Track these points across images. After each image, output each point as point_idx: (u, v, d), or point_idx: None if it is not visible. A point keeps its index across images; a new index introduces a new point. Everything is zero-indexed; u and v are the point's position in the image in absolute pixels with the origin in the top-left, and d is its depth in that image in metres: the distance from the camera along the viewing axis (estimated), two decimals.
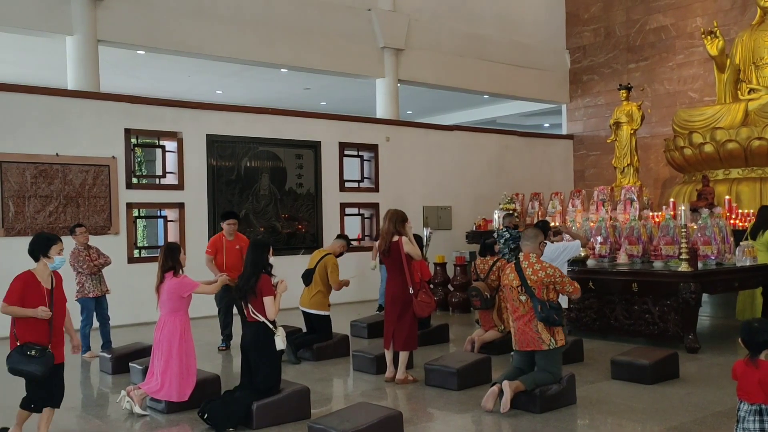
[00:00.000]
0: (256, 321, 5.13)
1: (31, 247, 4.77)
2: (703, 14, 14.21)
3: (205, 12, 11.64)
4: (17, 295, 4.60)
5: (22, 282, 4.66)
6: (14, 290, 4.62)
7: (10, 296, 4.60)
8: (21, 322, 4.61)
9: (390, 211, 6.48)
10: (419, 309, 6.28)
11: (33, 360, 4.49)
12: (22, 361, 4.50)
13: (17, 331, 4.61)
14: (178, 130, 11.11)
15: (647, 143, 14.70)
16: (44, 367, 4.52)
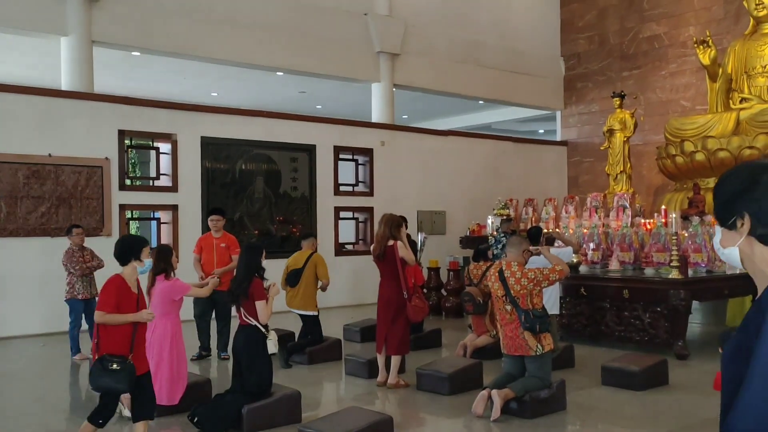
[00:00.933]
0: (249, 324, 5.13)
1: (120, 250, 4.41)
2: (696, 23, 14.31)
3: (201, 14, 11.65)
4: (114, 302, 4.20)
5: (116, 287, 4.27)
6: (110, 296, 4.22)
7: (107, 303, 4.19)
8: (106, 331, 4.22)
9: (385, 215, 6.51)
10: (413, 313, 6.30)
11: (115, 374, 4.10)
12: (104, 375, 4.11)
13: (101, 342, 4.20)
14: (172, 132, 11.10)
15: (640, 151, 14.77)
16: (128, 380, 4.16)
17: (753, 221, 1.53)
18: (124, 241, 4.57)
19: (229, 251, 7.72)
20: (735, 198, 1.57)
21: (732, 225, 1.58)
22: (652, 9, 15.10)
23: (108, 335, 4.21)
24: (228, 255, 7.71)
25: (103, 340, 4.19)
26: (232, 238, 7.96)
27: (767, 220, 1.52)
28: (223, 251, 7.73)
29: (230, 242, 7.85)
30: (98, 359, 4.14)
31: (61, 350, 8.35)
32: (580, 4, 16.55)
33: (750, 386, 1.35)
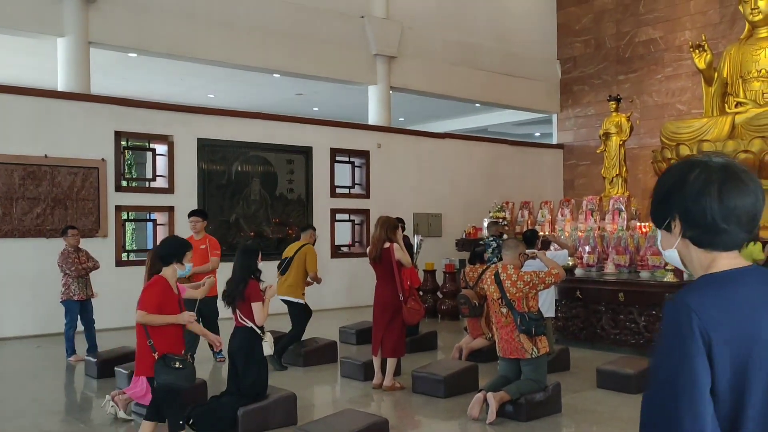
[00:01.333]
0: (244, 326, 5.13)
1: (164, 251, 4.44)
2: (691, 28, 14.37)
3: (199, 16, 11.65)
4: (157, 303, 4.26)
5: (161, 288, 4.32)
6: (154, 297, 4.26)
7: (150, 304, 4.24)
8: (158, 331, 4.25)
9: (381, 217, 6.52)
10: (408, 316, 6.30)
11: (180, 372, 4.18)
12: (168, 373, 4.17)
13: (155, 342, 4.22)
14: (169, 134, 11.09)
15: (636, 154, 14.81)
16: (191, 377, 4.26)
17: (682, 223, 1.47)
18: (170, 243, 4.58)
19: (208, 252, 7.54)
20: (666, 198, 1.50)
21: (667, 227, 1.51)
22: (648, 13, 15.15)
23: (163, 335, 4.27)
24: (208, 256, 7.54)
25: (158, 340, 4.24)
26: (214, 240, 7.77)
27: (694, 221, 1.45)
28: (203, 253, 7.47)
29: (211, 244, 7.63)
30: (161, 357, 4.19)
31: (56, 352, 8.33)
32: (577, 7, 16.60)
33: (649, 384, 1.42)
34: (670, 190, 1.49)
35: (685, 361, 1.36)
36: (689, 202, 1.44)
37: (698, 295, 1.41)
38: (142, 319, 4.23)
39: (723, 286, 1.43)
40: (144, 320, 4.23)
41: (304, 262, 7.69)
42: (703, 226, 1.44)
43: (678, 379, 1.36)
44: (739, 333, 1.38)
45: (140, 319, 4.24)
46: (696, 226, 1.46)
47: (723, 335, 1.36)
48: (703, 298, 1.40)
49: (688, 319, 1.37)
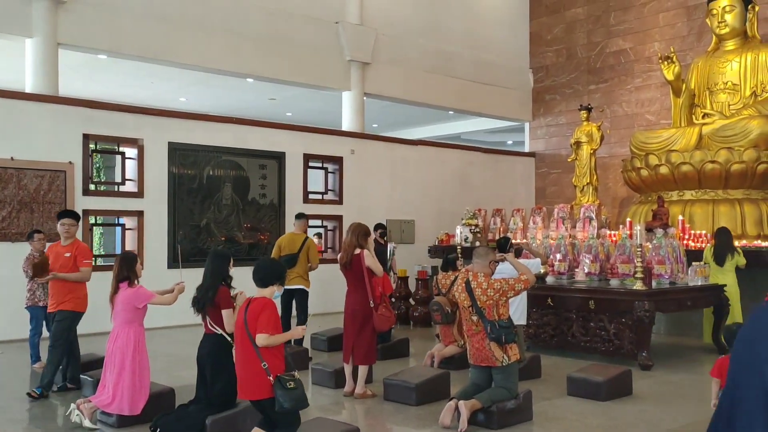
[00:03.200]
0: (214, 333, 5.06)
1: (266, 273, 4.42)
2: (660, 39, 14.62)
3: (171, 18, 11.53)
4: (274, 324, 4.28)
5: (273, 308, 4.32)
6: (272, 319, 4.27)
7: (269, 326, 4.23)
8: (272, 353, 4.26)
9: (353, 224, 6.51)
10: (379, 323, 6.26)
11: (296, 393, 4.19)
12: (291, 397, 4.17)
13: (270, 364, 4.22)
14: (138, 137, 10.94)
15: (606, 163, 15.01)
16: (305, 396, 4.26)
17: None
18: (272, 266, 4.57)
19: (75, 262, 6.67)
20: None
21: None
22: (619, 24, 15.39)
23: (275, 356, 4.29)
24: (74, 266, 6.67)
25: (271, 362, 4.24)
26: (84, 247, 6.89)
27: None
28: (65, 261, 6.64)
29: (80, 252, 6.75)
30: (277, 379, 4.21)
31: (20, 358, 8.14)
32: (549, 17, 16.79)
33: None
34: None
35: None
36: None
37: None
38: (265, 342, 4.22)
39: None
40: (267, 342, 4.23)
41: (308, 254, 8.40)
42: None
43: None
44: None
45: (263, 342, 4.22)
46: None
47: None
48: None
49: None
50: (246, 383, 4.32)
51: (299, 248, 8.35)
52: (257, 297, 4.39)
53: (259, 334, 4.21)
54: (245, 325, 4.27)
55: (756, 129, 10.93)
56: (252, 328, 4.24)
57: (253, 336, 4.22)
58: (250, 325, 4.25)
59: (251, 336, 4.23)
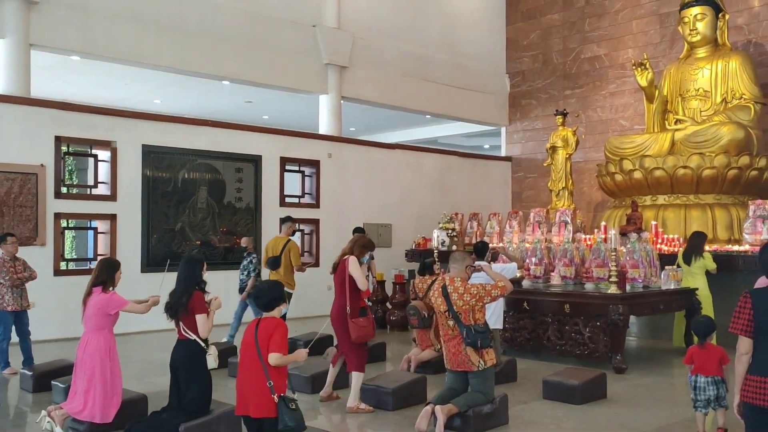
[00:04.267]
0: (188, 339, 5.00)
1: (270, 297, 4.36)
2: (634, 46, 14.82)
3: (146, 20, 11.40)
4: (286, 343, 4.26)
5: (285, 328, 4.30)
6: (285, 339, 4.24)
7: (283, 346, 4.22)
8: (278, 372, 4.24)
9: (357, 235, 6.65)
10: (353, 330, 6.01)
11: (297, 413, 4.18)
12: (293, 417, 4.16)
13: (275, 383, 4.19)
14: (112, 139, 10.80)
15: (581, 168, 15.15)
16: (303, 418, 4.24)
17: None
18: (269, 290, 4.43)
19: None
20: None
21: None
22: (593, 31, 15.57)
23: (281, 375, 4.26)
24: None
25: (277, 381, 4.22)
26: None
27: None
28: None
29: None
30: (281, 398, 4.20)
31: None
32: (525, 23, 16.93)
33: None
34: None
35: None
36: None
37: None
38: (278, 362, 4.20)
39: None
40: (280, 362, 4.21)
41: (290, 256, 8.85)
42: None
43: None
44: None
45: (277, 361, 4.20)
46: None
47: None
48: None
49: None
50: (249, 400, 4.25)
51: (281, 250, 8.82)
52: (267, 316, 4.33)
53: (273, 354, 4.18)
54: (256, 343, 4.21)
55: (726, 135, 11.12)
56: (263, 347, 4.19)
57: (263, 354, 4.18)
58: (261, 343, 4.20)
59: (261, 354, 4.18)
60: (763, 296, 3.39)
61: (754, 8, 13.16)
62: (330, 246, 13.04)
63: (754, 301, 3.37)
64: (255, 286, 4.32)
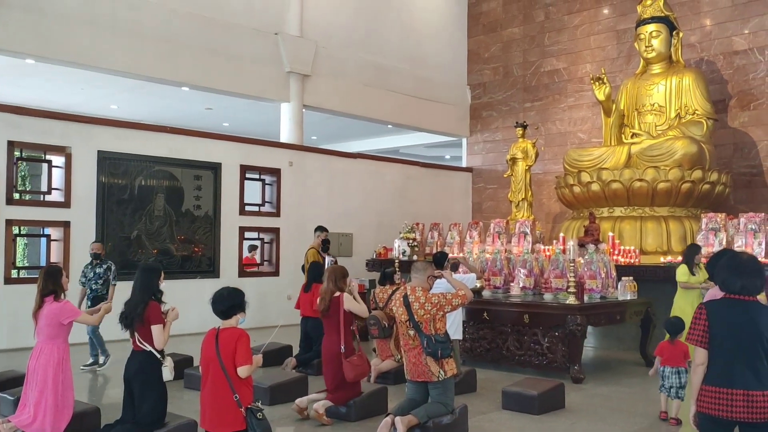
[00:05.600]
0: (143, 350, 4.87)
1: (230, 303, 4.25)
2: (592, 61, 15.13)
3: (103, 24, 11.17)
4: (250, 354, 4.21)
5: (248, 339, 4.22)
6: (249, 349, 4.18)
7: (248, 356, 4.16)
8: (244, 384, 4.18)
9: (329, 268, 6.42)
10: (348, 370, 5.98)
11: (265, 423, 4.12)
12: (264, 426, 4.11)
13: (241, 395, 4.12)
14: (66, 145, 10.54)
15: (540, 179, 15.36)
16: (270, 427, 4.19)
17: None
18: (229, 296, 4.31)
19: None
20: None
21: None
22: (553, 45, 15.85)
23: (247, 386, 4.19)
24: None
25: (242, 393, 4.15)
26: None
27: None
28: None
29: None
30: (248, 410, 4.13)
31: None
32: (486, 36, 17.14)
33: None
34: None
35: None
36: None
37: None
38: (248, 373, 4.15)
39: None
40: (249, 373, 4.16)
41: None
42: None
43: None
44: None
45: (247, 373, 4.14)
46: None
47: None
48: None
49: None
50: (217, 416, 4.16)
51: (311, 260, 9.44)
52: (226, 327, 4.24)
53: (242, 367, 4.12)
54: (218, 357, 4.11)
55: (680, 149, 11.40)
56: (227, 361, 4.10)
57: (227, 368, 4.09)
58: (224, 357, 4.11)
59: (225, 368, 4.09)
60: (717, 308, 3.46)
61: (706, 27, 13.58)
62: (290, 255, 12.94)
63: (709, 313, 3.44)
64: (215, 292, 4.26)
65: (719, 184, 11.49)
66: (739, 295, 3.42)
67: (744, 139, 13.04)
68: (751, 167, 12.90)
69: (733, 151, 13.10)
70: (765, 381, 3.31)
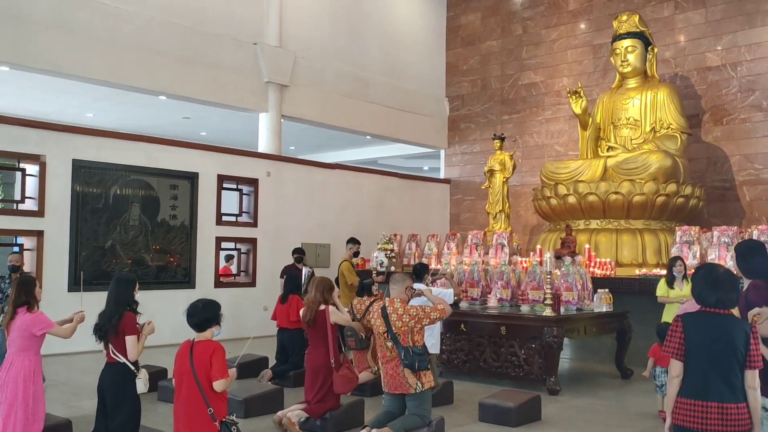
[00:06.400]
0: (117, 362, 4.80)
1: (205, 315, 4.20)
2: (569, 75, 15.31)
3: (79, 31, 11.07)
4: (226, 367, 4.17)
5: (224, 352, 4.19)
6: (225, 362, 4.16)
7: (225, 369, 4.12)
8: (219, 397, 4.14)
9: (316, 278, 6.34)
10: (339, 383, 5.94)
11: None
12: None
13: (215, 409, 4.07)
14: (41, 153, 10.39)
15: (518, 191, 15.47)
16: None
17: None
18: (204, 309, 4.25)
19: None
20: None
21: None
22: (531, 58, 16.01)
23: (221, 400, 4.14)
24: None
25: (217, 406, 4.09)
26: None
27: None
28: None
29: None
30: (222, 424, 4.07)
31: None
32: (465, 49, 17.28)
33: None
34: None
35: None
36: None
37: None
38: (225, 387, 4.11)
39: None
40: (225, 387, 4.12)
41: (344, 276, 9.98)
42: None
43: None
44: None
45: (223, 387, 4.10)
46: None
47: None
48: None
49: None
50: (191, 429, 4.11)
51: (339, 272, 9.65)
52: (201, 340, 4.18)
53: (218, 382, 4.08)
54: (192, 371, 4.05)
55: (655, 163, 11.55)
56: (201, 374, 4.04)
57: (201, 381, 4.02)
58: (199, 370, 4.05)
59: (199, 381, 4.03)
60: (693, 321, 3.49)
61: (680, 43, 13.82)
62: (267, 266, 12.86)
63: (685, 326, 3.47)
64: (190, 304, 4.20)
65: (693, 198, 11.66)
66: (715, 308, 3.46)
67: (717, 153, 13.26)
68: (724, 181, 13.12)
69: (706, 165, 13.31)
70: (739, 394, 3.35)
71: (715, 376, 3.36)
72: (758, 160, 12.80)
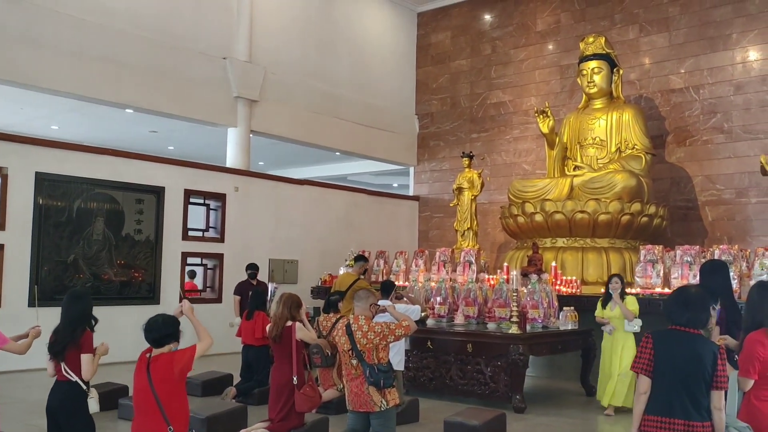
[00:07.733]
0: (69, 380, 4.65)
1: (164, 331, 4.12)
2: (537, 94, 15.52)
3: (44, 42, 10.90)
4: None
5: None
6: (189, 352, 4.16)
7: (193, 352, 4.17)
8: (179, 414, 4.11)
9: (284, 294, 6.26)
10: (300, 402, 5.86)
11: None
12: None
13: (175, 426, 4.01)
14: (3, 165, 10.17)
15: (486, 209, 15.57)
16: None
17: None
18: (164, 325, 4.16)
19: None
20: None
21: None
22: (499, 78, 16.21)
23: (182, 418, 4.08)
24: None
25: (177, 424, 4.01)
26: None
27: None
28: None
29: None
30: None
31: None
32: (435, 67, 17.42)
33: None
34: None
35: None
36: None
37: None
38: (208, 347, 4.18)
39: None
40: (208, 347, 4.20)
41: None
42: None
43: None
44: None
45: (207, 348, 4.16)
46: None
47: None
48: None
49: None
50: None
51: (348, 287, 8.65)
52: (158, 354, 4.08)
53: (198, 350, 4.15)
54: (151, 387, 3.93)
55: (620, 183, 11.72)
56: (160, 389, 3.93)
57: (160, 397, 3.92)
58: (158, 386, 3.94)
59: (158, 398, 3.92)
60: (663, 338, 3.53)
61: (645, 65, 14.11)
62: (234, 282, 12.67)
63: (655, 343, 3.51)
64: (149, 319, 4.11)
65: (657, 217, 11.85)
66: (686, 327, 3.50)
67: (680, 173, 13.53)
68: (687, 201, 13.38)
69: (670, 185, 13.56)
70: (705, 413, 3.38)
71: (682, 394, 3.39)
72: (720, 180, 13.09)
